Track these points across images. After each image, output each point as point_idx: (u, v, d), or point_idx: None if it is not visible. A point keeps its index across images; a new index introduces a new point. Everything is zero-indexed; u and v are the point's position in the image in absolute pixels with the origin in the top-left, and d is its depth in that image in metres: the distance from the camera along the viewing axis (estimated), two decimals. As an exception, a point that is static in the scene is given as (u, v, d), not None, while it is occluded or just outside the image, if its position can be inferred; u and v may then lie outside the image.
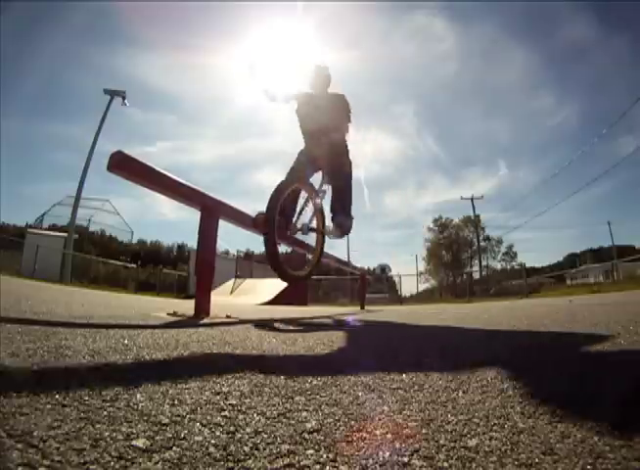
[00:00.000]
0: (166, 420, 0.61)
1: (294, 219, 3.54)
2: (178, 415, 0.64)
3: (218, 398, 0.75)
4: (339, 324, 3.00)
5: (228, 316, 2.83)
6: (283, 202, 3.07)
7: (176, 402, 0.70)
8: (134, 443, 0.52)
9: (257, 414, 0.67)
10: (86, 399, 0.68)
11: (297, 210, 3.55)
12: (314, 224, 3.64)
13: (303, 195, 3.54)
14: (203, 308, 2.70)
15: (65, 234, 18.21)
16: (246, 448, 0.53)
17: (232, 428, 0.60)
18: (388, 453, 0.53)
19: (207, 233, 2.81)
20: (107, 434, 0.54)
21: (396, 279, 20.61)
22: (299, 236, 3.70)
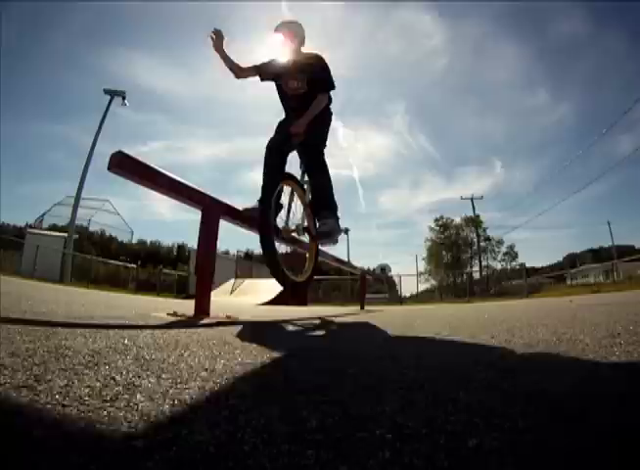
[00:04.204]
0: (166, 420, 0.61)
1: (284, 218, 3.18)
2: (178, 415, 0.64)
3: (218, 398, 0.75)
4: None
5: (228, 316, 2.83)
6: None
7: (176, 402, 0.70)
8: (134, 443, 0.52)
9: (257, 414, 0.67)
10: (86, 399, 0.68)
11: (285, 207, 3.17)
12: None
13: (286, 188, 3.15)
14: (203, 308, 2.70)
15: (65, 234, 18.21)
16: (246, 448, 0.53)
17: (232, 428, 0.60)
18: (388, 453, 0.53)
19: (208, 233, 2.81)
20: (107, 434, 0.54)
21: (396, 279, 20.61)
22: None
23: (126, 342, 1.32)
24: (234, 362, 1.11)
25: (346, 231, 34.74)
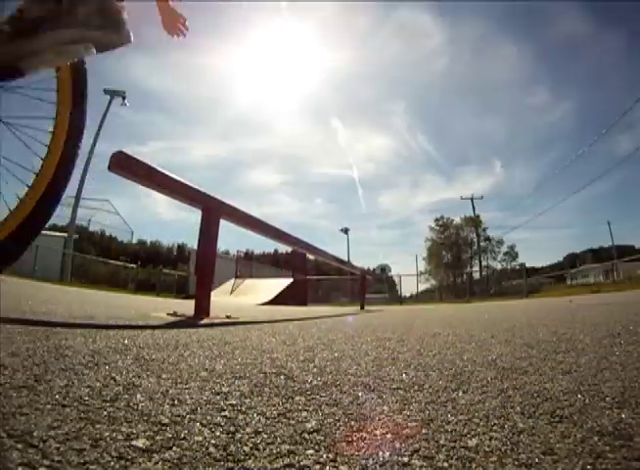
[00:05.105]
0: (166, 420, 0.61)
1: None
2: (178, 415, 0.64)
3: (218, 398, 0.75)
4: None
5: (228, 316, 2.83)
6: None
7: (176, 402, 0.70)
8: (134, 443, 0.52)
9: (257, 414, 0.67)
10: (86, 399, 0.68)
11: None
12: None
13: None
14: (203, 308, 2.70)
15: (65, 234, 18.22)
16: (246, 448, 0.53)
17: (232, 428, 0.60)
18: (387, 453, 0.53)
19: (208, 233, 2.81)
20: (107, 434, 0.54)
21: (396, 279, 20.61)
22: None
23: (126, 342, 1.32)
24: (234, 362, 1.11)
25: (346, 231, 34.67)
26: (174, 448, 0.51)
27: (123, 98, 20.21)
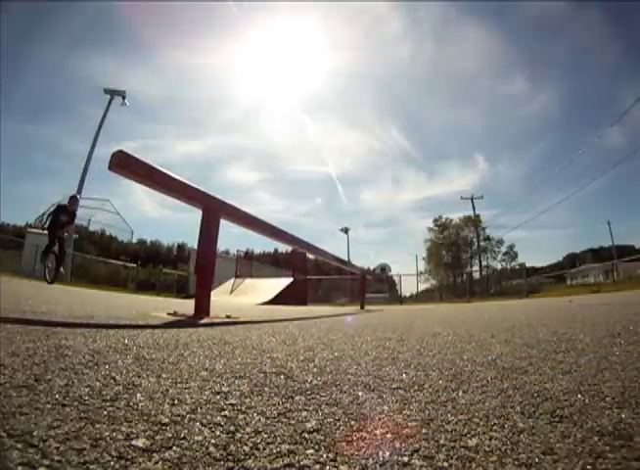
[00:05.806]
0: (166, 420, 0.61)
1: None
2: (178, 415, 0.64)
3: (218, 397, 0.75)
4: None
5: (228, 316, 2.83)
6: None
7: (176, 402, 0.70)
8: (134, 442, 0.52)
9: (257, 414, 0.67)
10: (86, 398, 0.68)
11: None
12: None
13: None
14: (203, 308, 2.70)
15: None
16: (246, 448, 0.53)
17: (232, 428, 0.60)
18: (387, 453, 0.53)
19: (208, 233, 2.81)
20: (107, 434, 0.54)
21: (396, 279, 20.61)
22: None
23: (126, 341, 1.32)
24: (234, 362, 1.11)
25: (346, 231, 34.67)
26: (174, 448, 0.51)
27: (123, 98, 20.17)
